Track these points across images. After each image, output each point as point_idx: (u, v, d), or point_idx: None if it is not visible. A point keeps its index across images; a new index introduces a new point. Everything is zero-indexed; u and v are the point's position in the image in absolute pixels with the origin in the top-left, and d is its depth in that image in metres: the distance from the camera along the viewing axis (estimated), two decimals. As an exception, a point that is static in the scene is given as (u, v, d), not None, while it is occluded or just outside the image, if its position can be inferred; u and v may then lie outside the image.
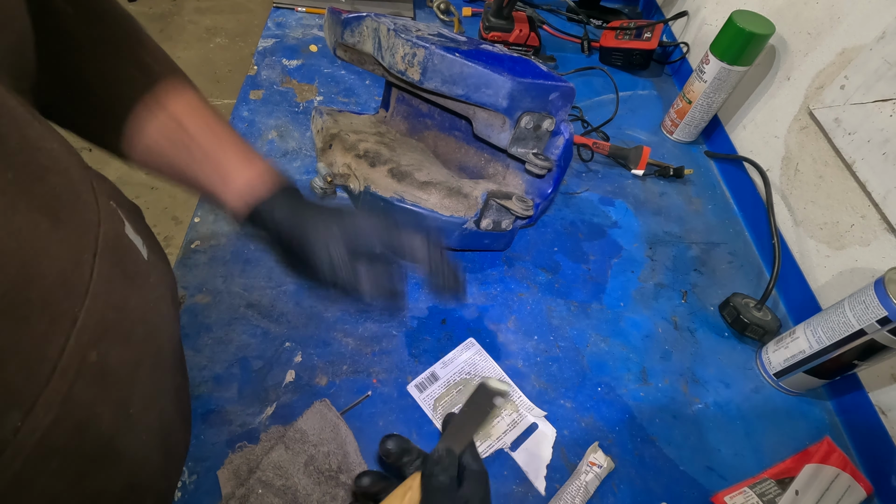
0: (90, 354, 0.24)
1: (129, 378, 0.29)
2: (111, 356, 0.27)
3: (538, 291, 0.57)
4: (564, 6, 0.95)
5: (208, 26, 2.10)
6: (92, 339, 0.24)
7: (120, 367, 0.28)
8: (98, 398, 0.26)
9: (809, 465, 0.48)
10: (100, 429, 0.26)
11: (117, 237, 0.30)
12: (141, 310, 0.31)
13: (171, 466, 0.38)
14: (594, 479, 0.44)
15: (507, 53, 0.51)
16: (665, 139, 0.79)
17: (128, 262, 0.31)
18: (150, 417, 0.33)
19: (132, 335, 0.29)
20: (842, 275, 0.57)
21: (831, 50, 0.60)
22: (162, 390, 0.35)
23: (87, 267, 0.25)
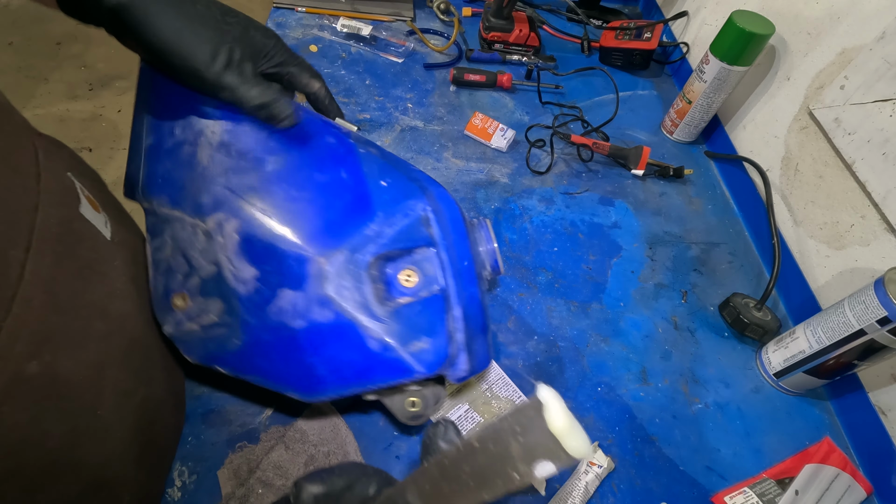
0: (27, 367, 0.21)
1: (93, 379, 0.26)
2: (60, 364, 0.24)
3: (538, 291, 0.57)
4: (564, 6, 0.95)
5: (208, 26, 2.10)
6: (27, 350, 0.21)
7: (77, 372, 0.25)
8: (43, 413, 0.23)
9: (809, 465, 0.48)
10: (46, 445, 0.23)
11: (64, 222, 0.26)
12: (99, 304, 0.28)
13: (155, 453, 0.36)
14: (594, 479, 0.44)
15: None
16: (665, 139, 0.79)
17: (81, 249, 0.28)
18: (126, 411, 0.30)
19: (89, 334, 0.27)
20: (842, 275, 0.57)
21: (831, 50, 0.60)
22: (146, 379, 0.33)
23: (14, 265, 0.21)
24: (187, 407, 0.43)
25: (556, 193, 0.68)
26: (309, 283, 0.36)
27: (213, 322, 0.37)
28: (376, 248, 0.37)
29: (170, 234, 0.38)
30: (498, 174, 0.68)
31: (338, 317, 0.36)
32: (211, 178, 0.38)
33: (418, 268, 0.37)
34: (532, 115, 0.77)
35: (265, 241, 0.37)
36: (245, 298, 0.36)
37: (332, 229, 0.37)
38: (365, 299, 0.36)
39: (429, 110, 0.74)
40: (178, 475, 0.40)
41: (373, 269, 0.37)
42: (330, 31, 0.81)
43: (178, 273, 0.38)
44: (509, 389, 0.49)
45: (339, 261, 0.36)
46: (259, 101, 0.35)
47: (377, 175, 0.38)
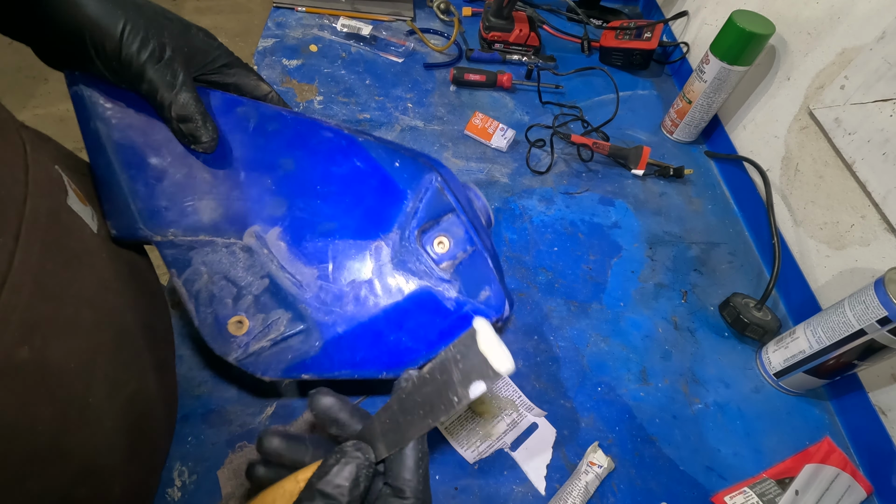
0: (18, 352, 0.22)
1: (83, 368, 0.27)
2: (51, 351, 0.24)
3: (538, 291, 0.57)
4: (564, 6, 0.95)
5: (208, 26, 2.09)
6: (18, 335, 0.22)
7: (67, 360, 0.25)
8: (33, 399, 0.23)
9: (809, 465, 0.48)
10: (36, 430, 0.24)
11: (52, 213, 0.27)
12: (87, 294, 0.28)
13: (147, 447, 0.36)
14: (594, 480, 0.44)
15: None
16: (665, 139, 0.79)
17: (69, 241, 0.28)
18: (116, 402, 0.30)
19: (78, 323, 0.27)
20: (842, 275, 0.57)
21: (831, 50, 0.60)
22: (135, 371, 0.33)
23: (4, 253, 0.22)
24: (187, 407, 0.43)
25: (556, 193, 0.68)
26: (375, 267, 0.38)
27: (283, 334, 0.36)
28: (417, 222, 0.39)
29: (201, 260, 0.36)
30: (498, 174, 0.68)
31: (413, 290, 0.38)
32: (228, 192, 0.36)
33: (447, 233, 0.40)
34: (532, 115, 0.77)
35: (316, 240, 0.37)
36: (312, 300, 0.36)
37: (377, 213, 0.39)
38: (428, 267, 0.39)
39: (429, 110, 0.74)
40: (178, 475, 0.40)
41: (419, 241, 0.39)
42: (330, 31, 0.81)
43: (226, 298, 0.36)
44: (509, 389, 0.49)
45: (394, 240, 0.38)
46: (183, 110, 0.33)
47: (387, 158, 0.39)
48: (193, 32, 0.35)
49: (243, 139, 0.37)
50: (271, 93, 0.40)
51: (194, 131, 0.34)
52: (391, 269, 0.38)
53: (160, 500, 0.39)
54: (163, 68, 0.32)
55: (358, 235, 0.38)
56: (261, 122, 0.38)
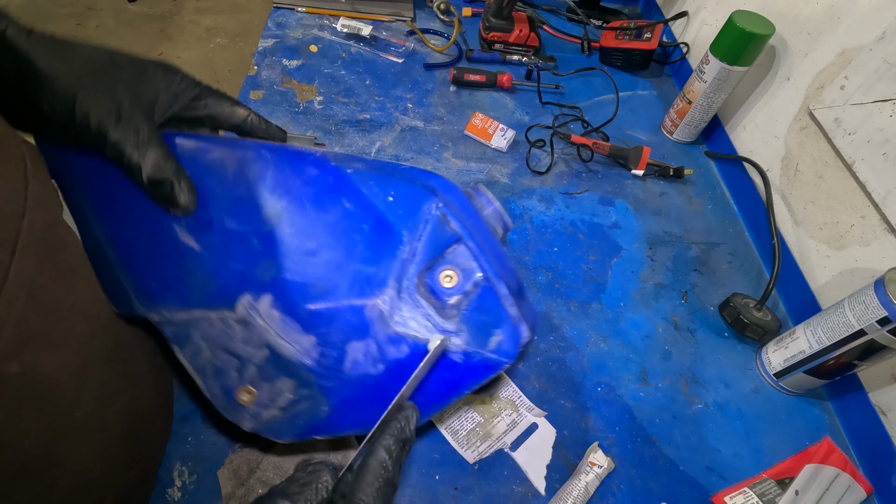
0: (8, 366, 0.22)
1: (74, 380, 0.26)
2: (42, 363, 0.24)
3: (538, 291, 0.57)
4: (564, 6, 0.95)
5: (208, 26, 2.10)
6: (9, 349, 0.22)
7: (58, 373, 0.25)
8: (22, 411, 0.23)
9: (809, 465, 0.48)
10: (23, 444, 0.23)
11: (48, 227, 0.26)
12: (82, 306, 0.28)
13: (141, 454, 0.36)
14: (594, 480, 0.44)
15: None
16: (665, 139, 0.79)
17: (64, 254, 0.27)
18: (109, 413, 0.30)
19: (71, 335, 0.26)
20: (842, 275, 0.57)
21: (831, 50, 0.60)
22: (132, 378, 0.32)
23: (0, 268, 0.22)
24: (187, 407, 0.43)
25: (556, 193, 0.68)
26: (373, 328, 0.35)
27: (291, 400, 0.35)
28: (416, 267, 0.35)
29: (199, 335, 0.35)
30: (498, 174, 0.68)
31: (414, 347, 0.35)
32: (214, 260, 0.34)
33: (454, 265, 0.36)
34: (532, 115, 0.77)
35: (309, 304, 0.34)
36: (314, 367, 0.35)
37: (370, 268, 0.35)
38: (431, 320, 0.35)
39: (429, 110, 0.74)
40: (178, 475, 0.40)
41: (420, 288, 0.36)
42: (330, 32, 0.81)
43: (230, 370, 0.35)
44: (509, 389, 0.49)
45: (391, 296, 0.35)
46: (155, 173, 0.30)
47: (379, 192, 0.36)
48: (150, 73, 0.31)
49: (223, 192, 0.35)
50: (250, 115, 0.37)
51: (169, 195, 0.31)
52: (390, 328, 0.35)
53: (160, 500, 0.39)
54: (124, 128, 0.28)
55: (352, 295, 0.35)
56: (240, 168, 0.35)
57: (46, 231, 0.26)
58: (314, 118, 0.69)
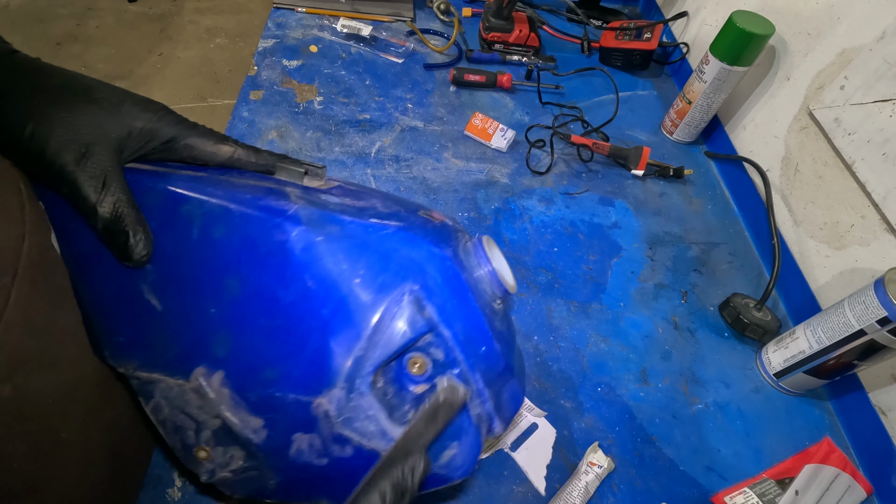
0: (1, 390, 0.22)
1: (63, 402, 0.26)
2: (32, 386, 0.24)
3: (538, 291, 0.57)
4: (564, 6, 0.95)
5: (208, 26, 2.10)
6: (3, 373, 0.22)
7: (47, 395, 0.25)
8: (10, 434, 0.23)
9: (809, 465, 0.48)
10: (10, 466, 0.23)
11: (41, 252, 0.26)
12: (72, 329, 0.28)
13: (124, 470, 0.36)
14: (594, 480, 0.44)
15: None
16: (665, 139, 0.79)
17: (55, 277, 0.27)
18: (93, 433, 0.30)
19: (62, 357, 0.26)
20: (842, 275, 0.57)
21: (831, 50, 0.60)
22: (117, 396, 0.33)
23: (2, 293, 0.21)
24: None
25: (556, 193, 0.68)
26: (319, 425, 0.33)
27: (241, 466, 0.35)
28: (373, 364, 0.32)
29: (160, 395, 0.34)
30: (498, 174, 0.68)
31: (358, 450, 0.33)
32: (172, 324, 0.33)
33: (425, 354, 0.34)
34: (532, 116, 0.77)
35: (258, 389, 0.33)
36: (263, 445, 0.34)
37: (321, 363, 0.33)
38: (379, 426, 0.33)
39: (429, 110, 0.74)
40: (178, 475, 0.40)
41: (378, 383, 0.33)
42: (330, 32, 0.81)
43: (188, 429, 0.35)
44: None
45: (338, 396, 0.33)
46: (110, 222, 0.27)
47: (347, 270, 0.33)
48: (126, 109, 0.29)
49: (187, 251, 0.33)
50: (236, 151, 0.34)
51: (123, 247, 0.29)
52: (335, 429, 0.33)
53: (160, 500, 0.39)
54: (83, 167, 0.26)
55: (299, 389, 0.33)
56: (205, 226, 0.33)
57: (40, 255, 0.25)
58: (314, 118, 0.69)
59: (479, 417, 0.35)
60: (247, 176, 0.36)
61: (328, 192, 0.37)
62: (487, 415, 0.35)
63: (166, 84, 1.84)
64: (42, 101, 0.26)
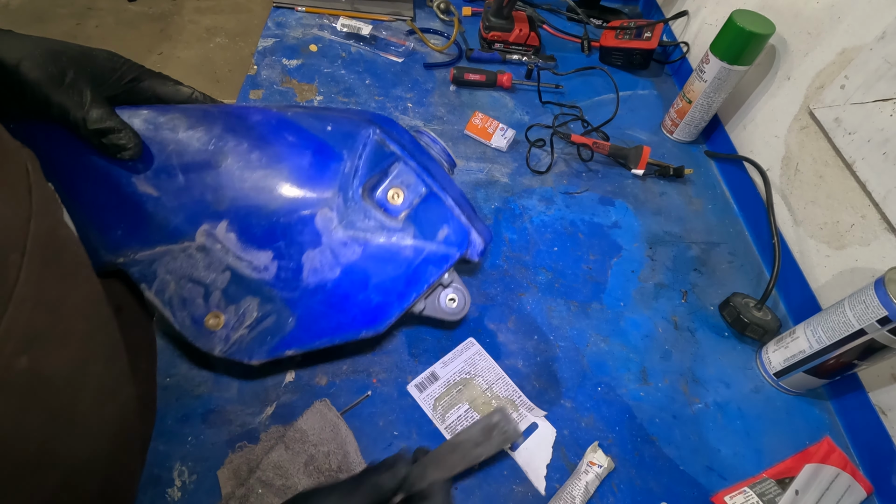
0: (17, 363, 0.23)
1: (74, 377, 0.28)
2: (46, 360, 0.25)
3: (538, 291, 0.57)
4: (564, 6, 0.95)
5: (208, 26, 2.10)
6: (18, 347, 0.23)
7: (60, 369, 0.26)
8: (28, 406, 0.24)
9: (809, 464, 0.48)
10: (28, 437, 0.25)
11: (51, 230, 0.28)
12: (82, 306, 0.29)
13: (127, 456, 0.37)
14: (594, 480, 0.44)
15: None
16: (665, 139, 0.79)
17: (65, 256, 0.29)
18: (104, 412, 0.31)
19: (72, 333, 0.28)
20: (842, 275, 0.57)
21: (831, 50, 0.60)
22: (123, 381, 0.34)
23: (13, 269, 0.23)
24: (187, 407, 0.43)
25: (556, 193, 0.68)
26: (325, 235, 0.38)
27: (256, 318, 0.38)
28: (358, 180, 0.39)
29: (164, 269, 0.37)
30: (498, 174, 0.68)
31: (366, 247, 0.39)
32: (171, 200, 0.37)
33: (399, 184, 0.41)
34: (532, 115, 0.77)
35: (262, 223, 0.37)
36: (275, 281, 0.37)
37: (314, 182, 0.39)
38: (378, 221, 0.39)
39: (429, 110, 0.74)
40: (178, 475, 0.40)
41: (366, 198, 0.39)
42: (330, 31, 0.81)
43: (197, 298, 0.37)
44: (509, 389, 0.49)
45: (338, 203, 0.39)
46: (98, 124, 0.33)
47: (318, 125, 0.40)
48: (95, 54, 0.35)
49: (175, 145, 0.38)
50: (194, 93, 0.40)
51: (115, 140, 0.34)
52: (341, 233, 0.39)
53: (160, 500, 0.39)
54: (67, 90, 0.32)
55: (301, 207, 0.38)
56: (190, 123, 0.38)
57: (49, 234, 0.27)
58: (314, 118, 0.69)
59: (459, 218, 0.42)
60: None
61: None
62: (465, 223, 0.42)
63: (166, 84, 1.84)
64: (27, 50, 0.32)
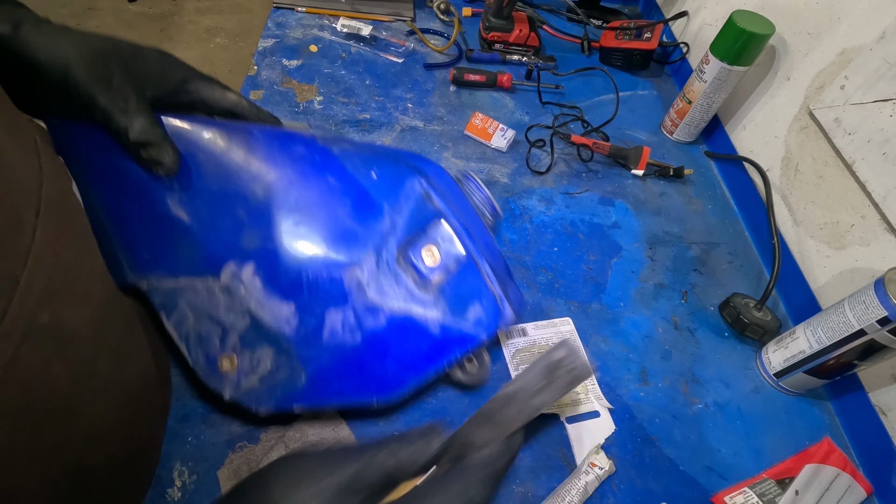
0: (41, 315, 0.24)
1: (94, 336, 0.28)
2: (67, 316, 0.26)
3: (538, 291, 0.57)
4: (564, 6, 0.95)
5: (208, 26, 2.10)
6: (41, 300, 0.24)
7: (80, 327, 0.27)
8: (52, 358, 0.25)
9: (809, 465, 0.48)
10: (54, 387, 0.25)
11: (62, 195, 0.28)
12: (98, 270, 0.30)
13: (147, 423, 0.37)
14: (594, 480, 0.44)
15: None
16: (665, 139, 0.79)
17: (77, 222, 0.29)
18: (124, 374, 0.31)
19: (91, 294, 0.28)
20: (842, 275, 0.57)
21: (831, 50, 0.60)
22: (143, 347, 0.34)
23: (28, 227, 0.24)
24: (187, 407, 0.43)
25: (556, 193, 0.68)
26: (351, 296, 0.36)
27: (269, 369, 0.36)
28: (396, 239, 0.37)
29: (185, 302, 0.36)
30: (498, 174, 0.68)
31: (392, 317, 0.36)
32: (201, 230, 0.36)
33: (435, 242, 0.38)
34: (532, 115, 0.77)
35: (290, 272, 0.36)
36: (293, 335, 0.35)
37: (350, 237, 0.37)
38: (409, 291, 0.37)
39: (429, 110, 0.74)
40: (178, 475, 0.40)
41: (401, 260, 0.37)
42: (330, 31, 0.81)
43: (213, 337, 0.36)
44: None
45: (370, 265, 0.37)
46: (140, 135, 0.32)
47: (363, 169, 0.38)
48: (145, 54, 0.34)
49: (213, 167, 0.36)
50: (241, 100, 0.39)
51: (154, 154, 0.34)
52: (367, 297, 0.36)
53: (160, 500, 0.39)
54: (113, 94, 0.31)
55: (332, 264, 0.36)
56: (230, 145, 0.37)
57: (61, 199, 0.27)
58: (314, 118, 0.69)
59: (493, 292, 0.39)
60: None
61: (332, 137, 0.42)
62: (498, 295, 0.39)
63: (166, 84, 1.84)
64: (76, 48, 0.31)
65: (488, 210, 0.43)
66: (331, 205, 0.37)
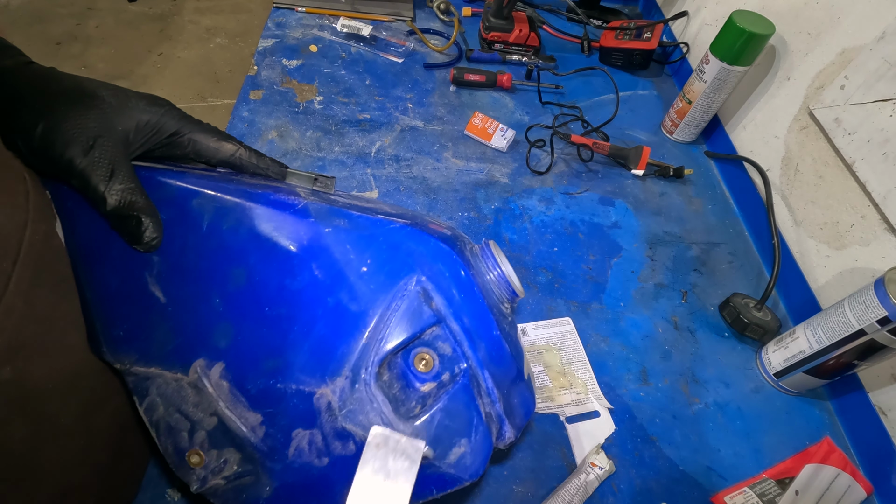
0: (2, 371, 0.22)
1: (60, 390, 0.27)
2: (34, 370, 0.24)
3: (538, 291, 0.57)
4: (564, 6, 0.95)
5: (208, 26, 2.10)
6: (3, 355, 0.22)
7: (45, 381, 0.25)
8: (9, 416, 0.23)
9: (809, 465, 0.48)
10: (9, 448, 0.24)
11: (45, 239, 0.27)
12: (74, 317, 0.28)
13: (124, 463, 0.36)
14: (594, 480, 0.44)
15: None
16: (665, 139, 0.79)
17: (59, 265, 0.28)
18: (95, 420, 0.30)
19: (62, 345, 0.27)
20: (842, 275, 0.57)
21: (831, 50, 0.60)
22: (115, 388, 0.33)
23: (2, 278, 0.22)
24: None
25: (556, 193, 0.68)
26: (320, 419, 0.32)
27: (236, 472, 0.33)
28: (379, 355, 0.32)
29: (156, 392, 0.33)
30: (498, 174, 0.68)
31: (361, 447, 0.31)
32: (174, 316, 0.33)
33: (431, 349, 0.33)
34: (532, 115, 0.77)
35: (259, 380, 0.32)
36: (259, 445, 0.32)
37: (325, 351, 0.32)
38: (386, 419, 0.31)
39: (429, 110, 0.74)
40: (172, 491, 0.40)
41: (383, 376, 0.32)
42: (330, 31, 0.81)
43: (182, 430, 0.33)
44: (586, 374, 0.51)
45: (343, 386, 0.32)
46: (119, 208, 0.28)
47: (354, 260, 0.33)
48: (132, 104, 0.30)
49: (195, 243, 0.33)
50: (238, 150, 0.35)
51: (133, 231, 0.30)
52: (337, 423, 0.32)
53: (160, 500, 0.39)
54: (92, 159, 0.27)
55: (302, 379, 0.32)
56: (215, 219, 0.33)
57: (44, 243, 0.26)
58: (314, 118, 0.69)
59: (489, 417, 0.34)
60: (256, 179, 0.36)
61: (336, 194, 0.37)
62: (497, 416, 0.34)
63: (166, 84, 1.84)
64: (52, 102, 0.27)
65: (506, 292, 0.37)
66: (312, 304, 0.33)
